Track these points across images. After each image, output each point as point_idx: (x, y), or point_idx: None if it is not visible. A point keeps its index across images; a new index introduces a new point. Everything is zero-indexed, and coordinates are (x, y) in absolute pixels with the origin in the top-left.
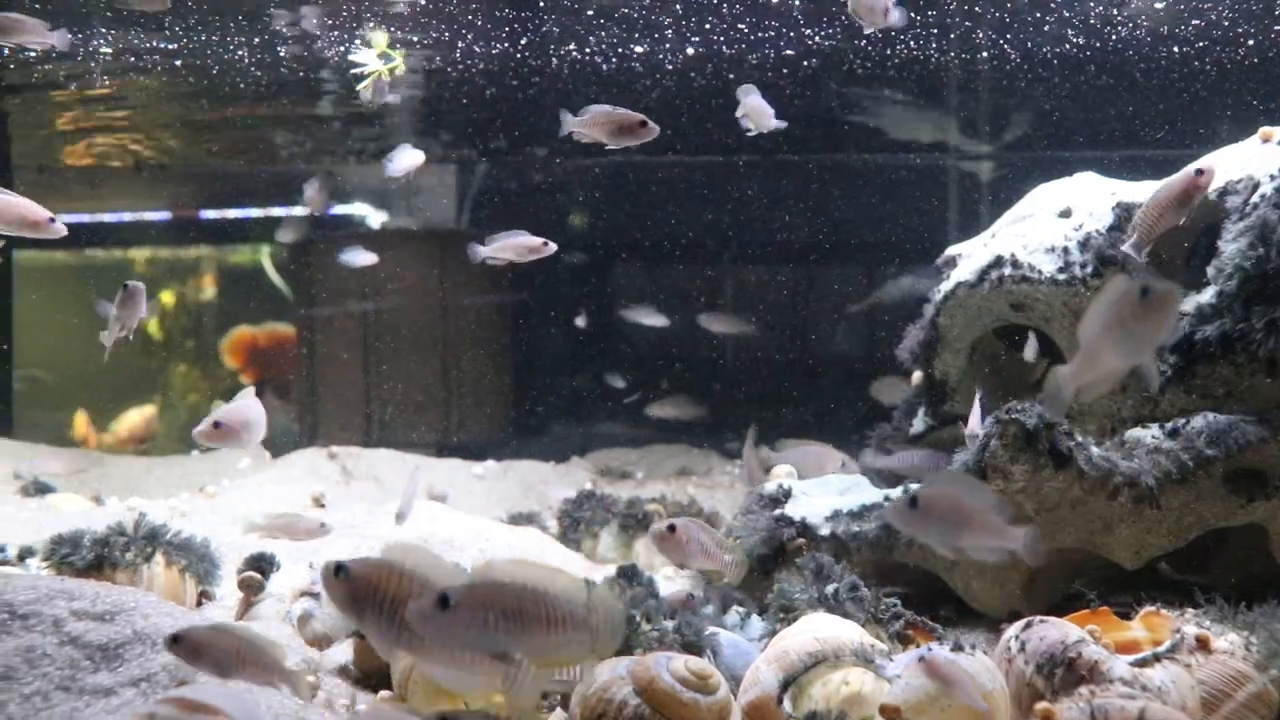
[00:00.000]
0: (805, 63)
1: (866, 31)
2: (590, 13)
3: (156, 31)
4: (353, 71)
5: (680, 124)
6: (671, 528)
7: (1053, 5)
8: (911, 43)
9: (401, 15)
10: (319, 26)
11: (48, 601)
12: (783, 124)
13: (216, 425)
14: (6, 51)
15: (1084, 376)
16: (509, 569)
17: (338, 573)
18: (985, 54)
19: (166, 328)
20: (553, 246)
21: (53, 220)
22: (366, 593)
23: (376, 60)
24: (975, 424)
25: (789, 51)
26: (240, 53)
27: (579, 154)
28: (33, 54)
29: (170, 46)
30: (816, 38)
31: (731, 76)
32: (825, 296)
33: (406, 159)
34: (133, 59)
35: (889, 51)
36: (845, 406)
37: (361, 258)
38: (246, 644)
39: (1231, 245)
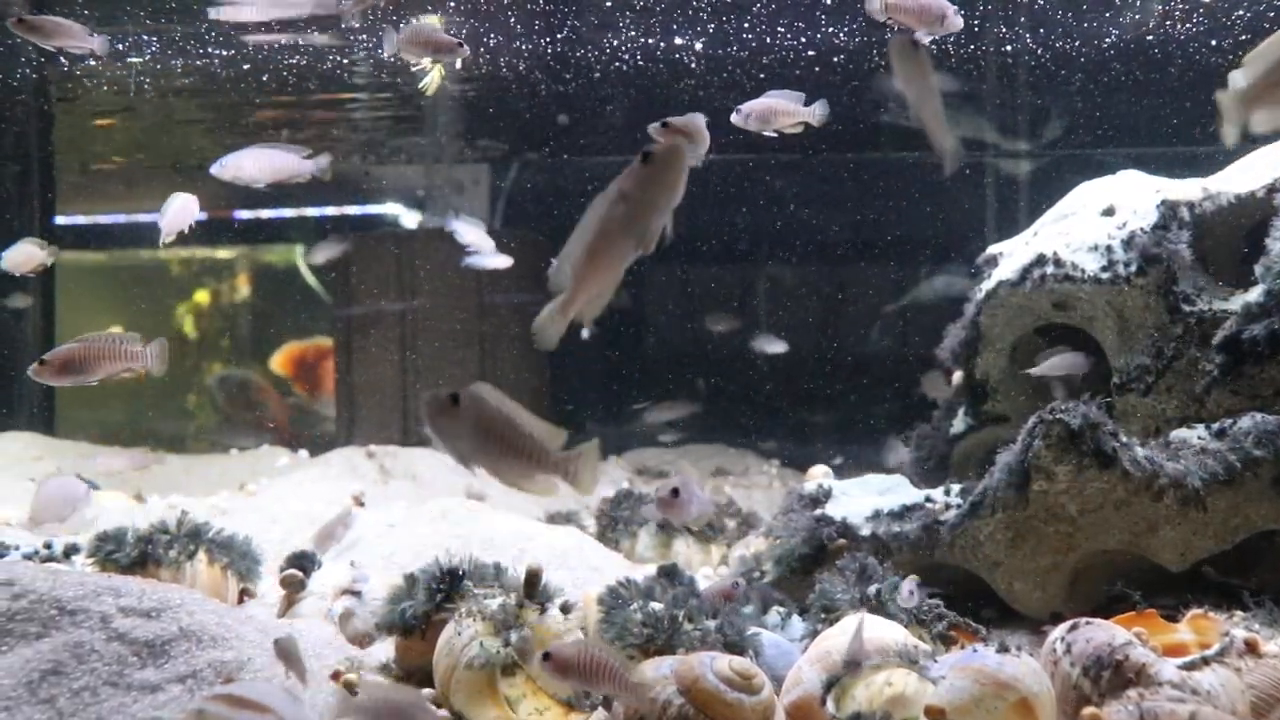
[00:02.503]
0: (836, 59)
1: (925, 41)
2: (610, 3)
3: (199, 40)
4: (414, 68)
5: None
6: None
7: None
8: (949, 38)
9: (435, 12)
10: (351, 31)
11: (95, 598)
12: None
13: None
14: (64, 60)
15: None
16: (495, 395)
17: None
18: (1022, 48)
19: (201, 327)
20: None
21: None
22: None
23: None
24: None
25: (810, 52)
26: (294, 59)
27: (611, 153)
28: (90, 61)
29: (225, 53)
30: (842, 34)
31: (763, 77)
32: (862, 296)
33: (483, 242)
34: (175, 62)
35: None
36: (882, 406)
37: (493, 260)
38: None
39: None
